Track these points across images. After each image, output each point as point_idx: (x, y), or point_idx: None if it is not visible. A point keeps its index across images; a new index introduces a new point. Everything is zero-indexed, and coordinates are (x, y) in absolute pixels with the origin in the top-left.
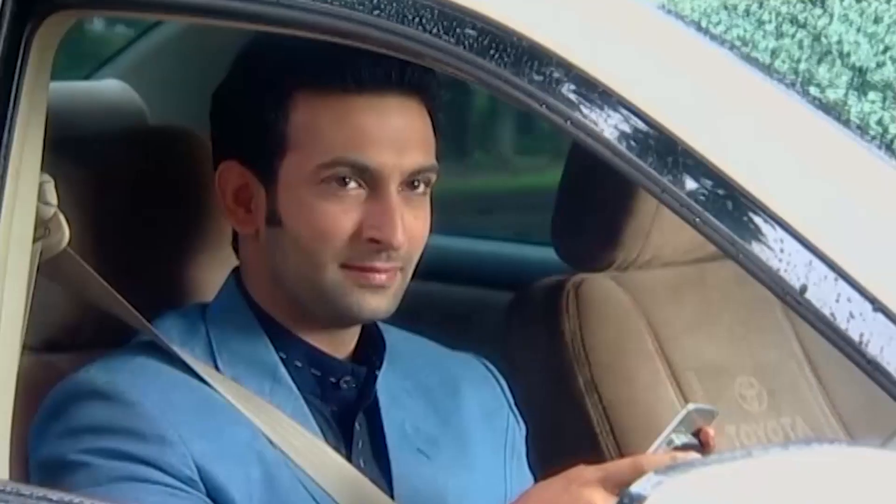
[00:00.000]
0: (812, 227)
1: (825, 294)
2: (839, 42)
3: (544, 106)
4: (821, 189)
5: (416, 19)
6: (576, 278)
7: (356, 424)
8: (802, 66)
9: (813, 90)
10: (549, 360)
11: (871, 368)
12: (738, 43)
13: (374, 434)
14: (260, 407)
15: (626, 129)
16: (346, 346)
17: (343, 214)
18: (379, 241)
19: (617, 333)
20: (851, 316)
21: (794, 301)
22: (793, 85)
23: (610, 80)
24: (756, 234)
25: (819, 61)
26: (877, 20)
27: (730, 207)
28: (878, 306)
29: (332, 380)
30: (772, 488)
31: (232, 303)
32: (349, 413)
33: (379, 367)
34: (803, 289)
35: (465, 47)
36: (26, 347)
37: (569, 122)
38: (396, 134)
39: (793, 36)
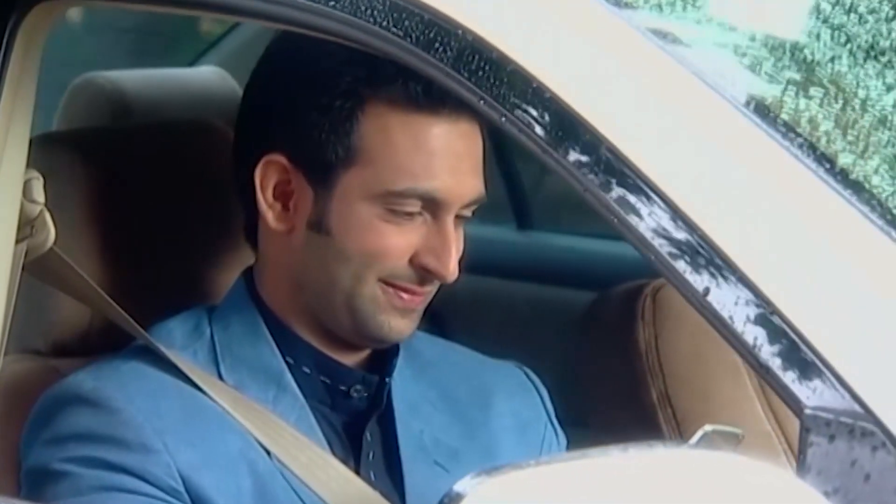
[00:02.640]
0: (716, 228)
1: (725, 297)
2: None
3: (482, 102)
4: (731, 191)
5: (369, 11)
6: (657, 282)
7: (366, 435)
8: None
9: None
10: (621, 369)
11: (764, 372)
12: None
13: (388, 445)
14: (260, 416)
15: (559, 125)
16: (358, 354)
17: (401, 237)
18: (432, 270)
19: (697, 343)
20: (748, 319)
21: (697, 303)
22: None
23: (546, 77)
24: (665, 235)
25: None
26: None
27: (643, 208)
28: (772, 309)
29: (342, 388)
30: (595, 489)
31: (239, 304)
32: (360, 423)
33: (390, 375)
34: (706, 291)
35: (411, 40)
36: (34, 351)
37: (504, 119)
38: (463, 161)
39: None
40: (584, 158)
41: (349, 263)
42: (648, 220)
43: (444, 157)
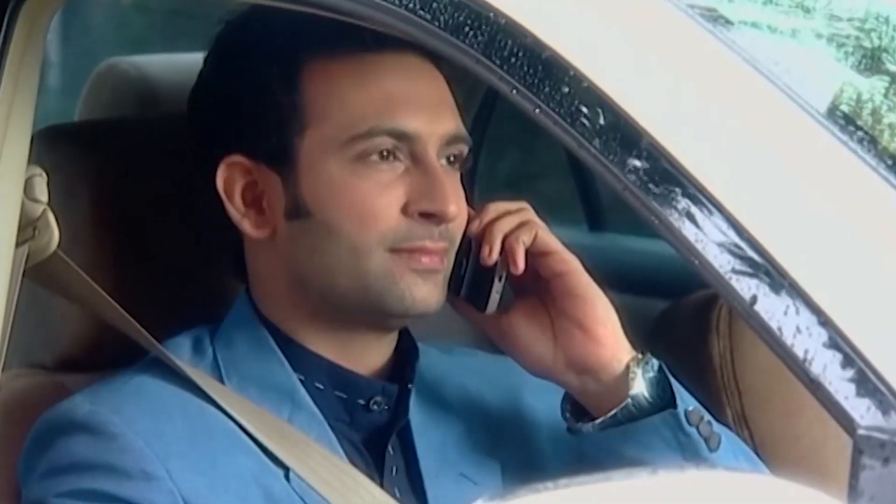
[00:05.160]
0: (764, 230)
1: (774, 306)
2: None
3: (514, 91)
4: (781, 190)
5: None
6: None
7: (389, 449)
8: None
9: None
10: (693, 386)
11: (814, 387)
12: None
13: (409, 460)
14: (278, 429)
15: (597, 117)
16: (373, 361)
17: (386, 190)
18: (432, 213)
19: (776, 357)
20: (798, 330)
21: (744, 312)
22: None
23: (585, 65)
24: (711, 238)
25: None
26: None
27: (686, 209)
28: (823, 319)
29: (361, 401)
30: None
31: (242, 320)
32: (382, 438)
33: (412, 381)
34: (754, 299)
35: (439, 24)
36: (38, 366)
37: (538, 110)
38: (426, 96)
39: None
40: (623, 154)
41: (340, 238)
42: (692, 222)
43: (401, 91)
